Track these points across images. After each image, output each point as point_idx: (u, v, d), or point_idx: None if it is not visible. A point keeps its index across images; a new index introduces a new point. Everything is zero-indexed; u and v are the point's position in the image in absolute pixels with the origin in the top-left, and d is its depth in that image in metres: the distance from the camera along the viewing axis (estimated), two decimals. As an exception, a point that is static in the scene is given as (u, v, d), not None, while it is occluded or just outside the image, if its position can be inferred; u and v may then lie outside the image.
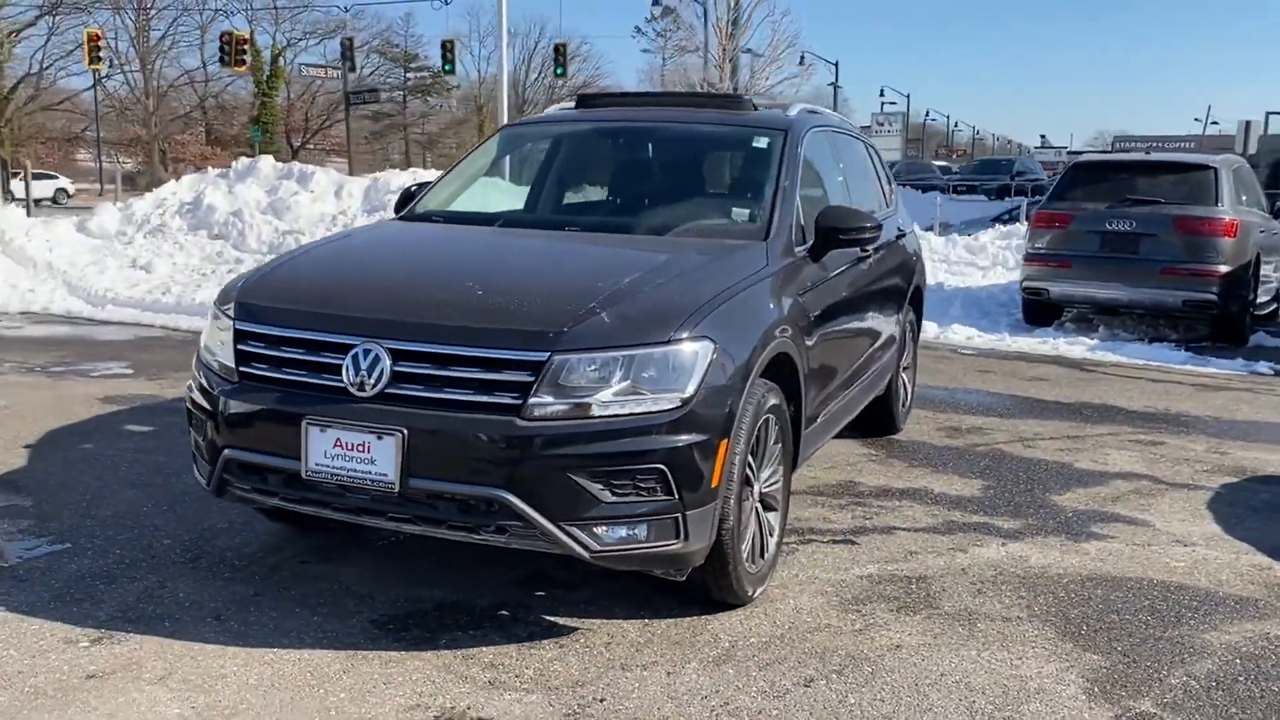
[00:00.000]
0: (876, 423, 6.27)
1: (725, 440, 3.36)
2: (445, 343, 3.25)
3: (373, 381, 3.27)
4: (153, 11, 53.53)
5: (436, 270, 3.82)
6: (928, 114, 73.63)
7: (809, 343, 4.13)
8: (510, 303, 3.35)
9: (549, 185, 4.98)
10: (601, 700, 3.10)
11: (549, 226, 4.42)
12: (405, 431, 3.19)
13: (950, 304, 11.94)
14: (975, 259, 14.74)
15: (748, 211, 4.33)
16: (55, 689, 3.08)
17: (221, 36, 35.39)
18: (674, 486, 3.22)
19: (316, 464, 3.30)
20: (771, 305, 3.80)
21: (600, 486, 3.18)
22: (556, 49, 34.19)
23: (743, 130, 4.71)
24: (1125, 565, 4.35)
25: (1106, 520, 4.92)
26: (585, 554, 3.22)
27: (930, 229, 16.39)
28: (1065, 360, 9.26)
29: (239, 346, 3.55)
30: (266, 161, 13.67)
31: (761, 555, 3.84)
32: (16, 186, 20.25)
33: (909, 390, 6.58)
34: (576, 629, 3.56)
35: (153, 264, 11.64)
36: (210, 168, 15.28)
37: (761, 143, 4.59)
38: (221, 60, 35.23)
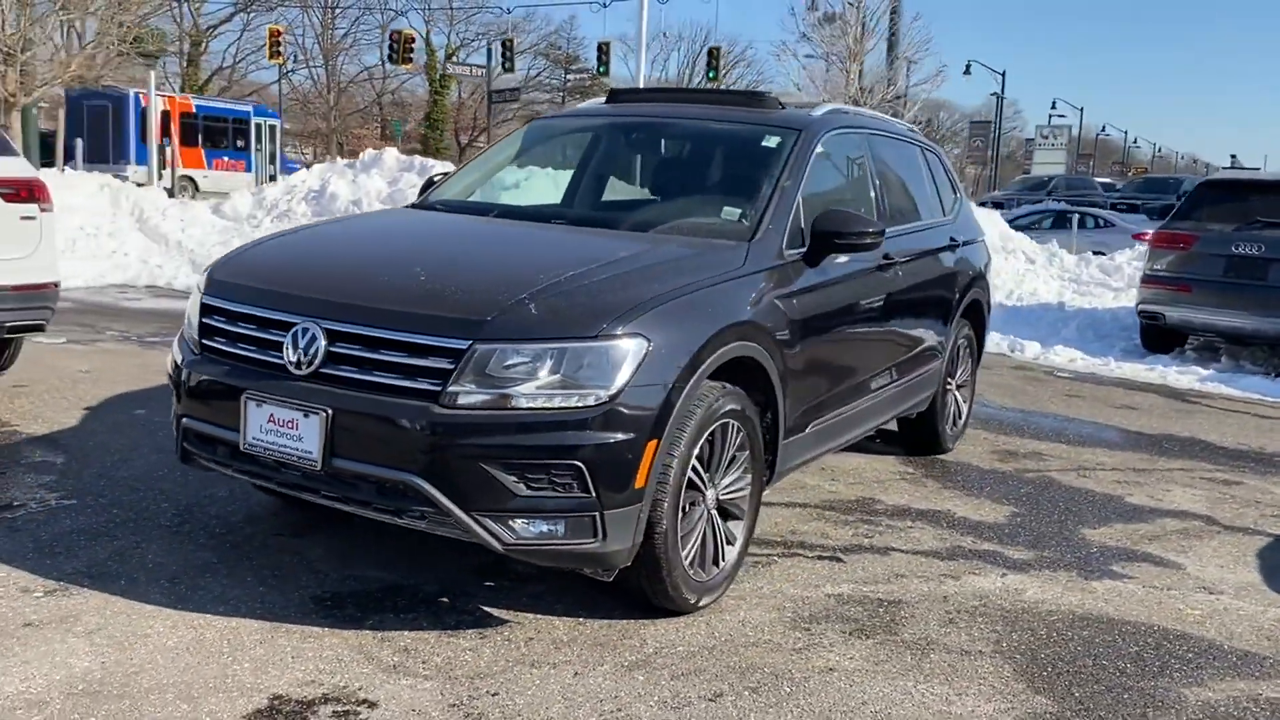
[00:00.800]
0: (921, 441, 6.02)
1: (654, 441, 3.26)
2: (375, 325, 3.27)
3: (308, 360, 3.32)
4: (337, 10, 56.20)
5: (394, 256, 3.84)
6: (1103, 128, 70.22)
7: (793, 349, 3.98)
8: (445, 290, 3.35)
9: (560, 178, 4.97)
10: (494, 694, 3.06)
11: (539, 219, 4.39)
12: (329, 411, 3.23)
13: (1065, 324, 11.39)
14: (1109, 279, 14.00)
15: (739, 211, 4.20)
16: (-9, 633, 3.24)
17: (391, 35, 36.85)
18: (591, 484, 3.15)
19: (254, 438, 3.38)
20: (735, 307, 3.68)
21: (515, 479, 3.14)
22: (710, 53, 34.24)
23: (756, 129, 4.57)
24: (1130, 608, 4.03)
25: (1133, 559, 4.57)
26: (498, 545, 3.19)
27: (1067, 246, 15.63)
28: (1168, 390, 8.68)
29: (203, 320, 3.68)
30: (390, 154, 14.17)
31: (715, 564, 3.73)
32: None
33: (962, 409, 6.28)
34: (507, 621, 3.53)
35: (274, 247, 12.19)
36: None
37: (771, 142, 4.46)
38: (390, 58, 36.68)
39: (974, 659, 3.50)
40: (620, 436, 3.19)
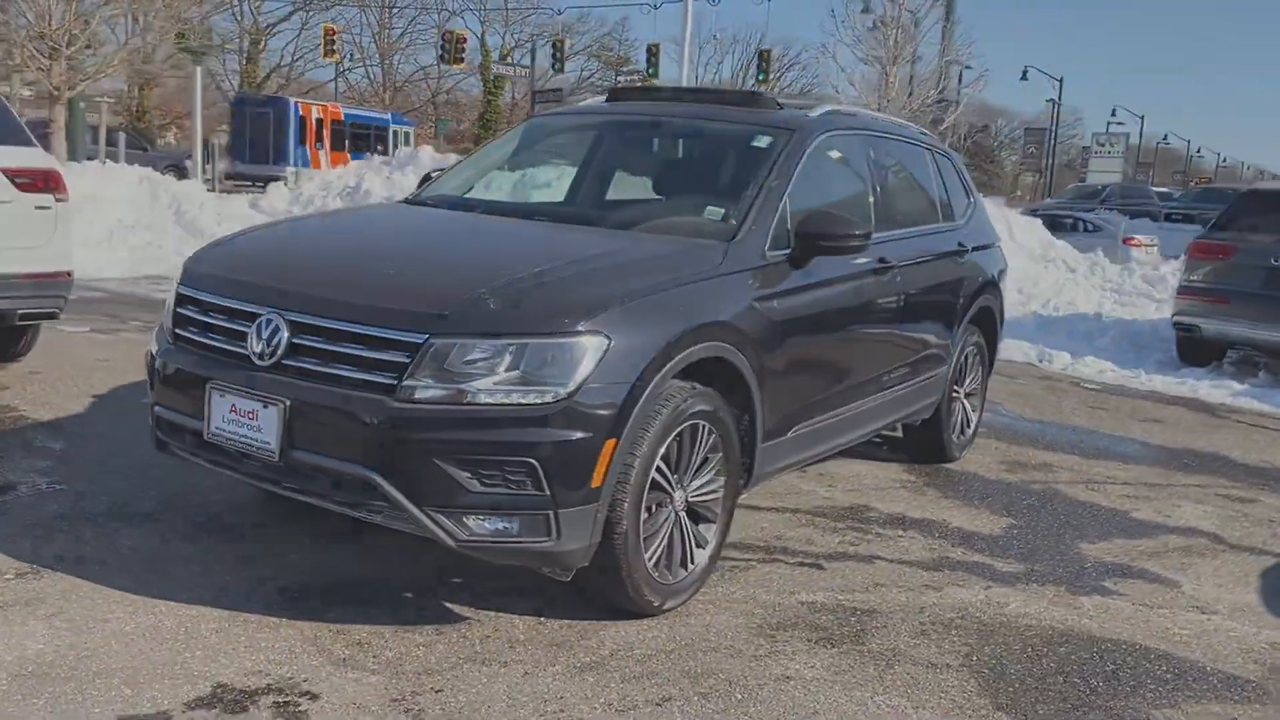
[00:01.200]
0: (926, 449, 5.92)
1: (613, 440, 3.23)
2: (336, 318, 3.27)
3: (271, 351, 3.33)
4: (394, 9, 56.81)
5: (367, 249, 3.85)
6: (1165, 137, 68.82)
7: (772, 351, 3.92)
8: (408, 284, 3.35)
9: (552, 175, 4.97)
10: (438, 691, 3.04)
11: (522, 215, 4.38)
12: (287, 402, 3.23)
13: (1101, 335, 11.16)
14: (1152, 290, 13.72)
15: (722, 211, 4.15)
16: (-45, 614, 3.29)
17: (443, 35, 37.15)
18: (544, 482, 3.13)
19: (217, 428, 3.40)
20: (707, 306, 3.63)
21: (468, 475, 3.12)
22: (760, 55, 34.10)
23: (748, 129, 4.52)
24: (1115, 625, 3.91)
25: (1128, 576, 4.45)
26: (451, 542, 3.18)
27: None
28: (1198, 404, 8.46)
29: (176, 309, 3.72)
30: (426, 152, 14.30)
31: (684, 566, 3.68)
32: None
33: (971, 418, 6.15)
34: (466, 619, 3.51)
35: (308, 242, 12.33)
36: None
37: (761, 142, 4.40)
38: (441, 58, 36.96)
39: (939, 672, 3.41)
40: (577, 434, 3.15)
